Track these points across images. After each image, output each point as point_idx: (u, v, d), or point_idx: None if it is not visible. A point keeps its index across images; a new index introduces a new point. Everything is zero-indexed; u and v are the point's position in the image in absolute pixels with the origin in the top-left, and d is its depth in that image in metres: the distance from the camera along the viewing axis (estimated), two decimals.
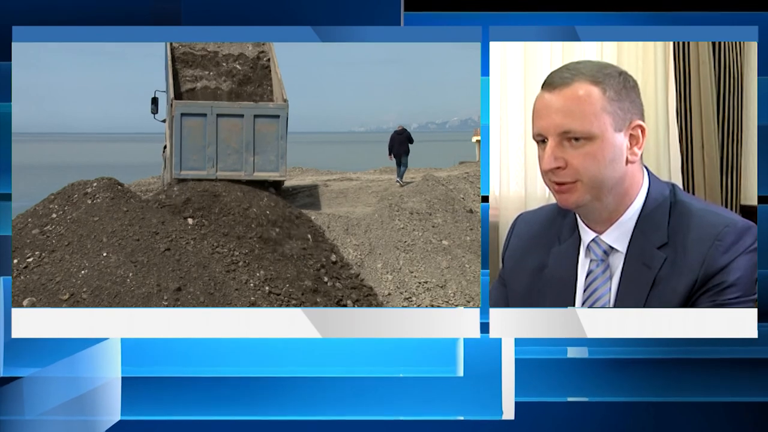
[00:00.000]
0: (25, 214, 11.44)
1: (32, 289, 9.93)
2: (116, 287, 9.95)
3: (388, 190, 13.96)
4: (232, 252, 11.08)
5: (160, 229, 10.96)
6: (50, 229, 11.01)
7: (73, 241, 10.69)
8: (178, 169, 12.17)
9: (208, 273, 10.43)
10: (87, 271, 10.18)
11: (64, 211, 11.28)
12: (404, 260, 11.95)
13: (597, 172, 3.35)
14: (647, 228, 3.45)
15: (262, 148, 12.36)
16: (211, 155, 12.19)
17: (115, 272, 10.13)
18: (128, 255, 10.44)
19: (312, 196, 14.07)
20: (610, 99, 3.36)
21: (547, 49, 7.67)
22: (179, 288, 10.08)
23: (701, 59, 7.83)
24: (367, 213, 13.04)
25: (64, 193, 11.61)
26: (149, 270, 10.27)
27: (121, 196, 11.56)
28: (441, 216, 12.98)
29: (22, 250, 10.64)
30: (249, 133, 12.31)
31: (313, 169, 15.74)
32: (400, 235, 12.45)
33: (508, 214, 7.72)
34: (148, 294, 9.90)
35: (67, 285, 9.96)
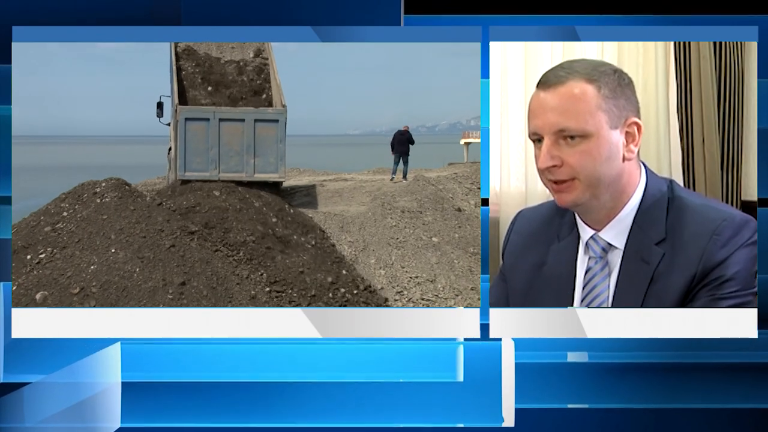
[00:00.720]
0: (37, 213, 11.46)
1: (44, 284, 9.93)
2: (124, 281, 9.97)
3: (380, 190, 14.01)
4: (236, 250, 11.11)
5: (165, 226, 11.01)
6: (61, 226, 11.01)
7: (83, 238, 10.69)
8: (183, 170, 12.19)
9: (210, 268, 10.44)
10: (96, 266, 10.18)
11: (74, 209, 11.30)
12: (396, 256, 11.98)
13: (593, 170, 3.22)
14: (645, 224, 3.31)
15: (262, 150, 12.40)
16: (213, 157, 12.21)
17: (123, 267, 10.15)
18: (135, 251, 10.45)
19: (309, 196, 14.11)
20: (605, 97, 3.22)
21: (547, 44, 7.50)
22: (183, 282, 10.10)
23: (702, 55, 7.58)
24: (361, 211, 13.12)
25: (75, 193, 11.63)
26: (155, 265, 10.29)
27: (128, 196, 11.59)
28: (431, 214, 13.07)
29: (35, 247, 10.63)
30: (249, 136, 12.35)
31: (311, 169, 15.81)
32: (392, 233, 12.50)
33: (508, 210, 7.45)
34: (154, 288, 9.92)
35: (77, 279, 9.97)
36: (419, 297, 11.22)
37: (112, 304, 9.70)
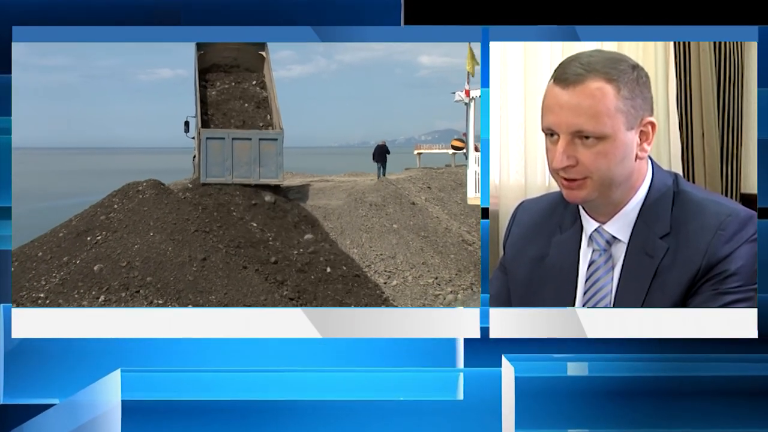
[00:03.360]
0: (95, 205, 11.55)
1: (100, 258, 10.13)
2: (159, 257, 10.15)
3: (354, 188, 14.02)
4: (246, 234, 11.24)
5: (191, 215, 11.15)
6: (113, 216, 11.15)
7: (129, 225, 10.86)
8: (205, 176, 12.26)
9: (225, 248, 10.62)
10: (139, 246, 10.37)
11: (122, 203, 11.43)
12: (365, 238, 12.06)
13: (607, 171, 2.58)
14: (650, 218, 2.69)
15: (265, 161, 12.45)
16: (228, 166, 12.29)
17: (159, 247, 10.34)
18: (168, 234, 10.62)
19: (300, 193, 14.10)
20: (624, 98, 2.56)
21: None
22: (204, 258, 10.23)
23: (702, 48, 6.21)
24: (339, 205, 13.09)
25: (122, 191, 11.73)
26: (183, 245, 10.46)
27: (162, 193, 11.72)
28: (392, 207, 13.04)
29: (93, 231, 10.79)
30: (255, 151, 12.41)
31: (301, 173, 15.87)
32: (363, 221, 12.56)
33: (508, 203, 6.10)
34: (182, 262, 10.09)
35: (125, 255, 10.16)
36: (383, 269, 11.27)
37: (151, 275, 9.83)
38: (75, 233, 10.93)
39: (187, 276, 9.92)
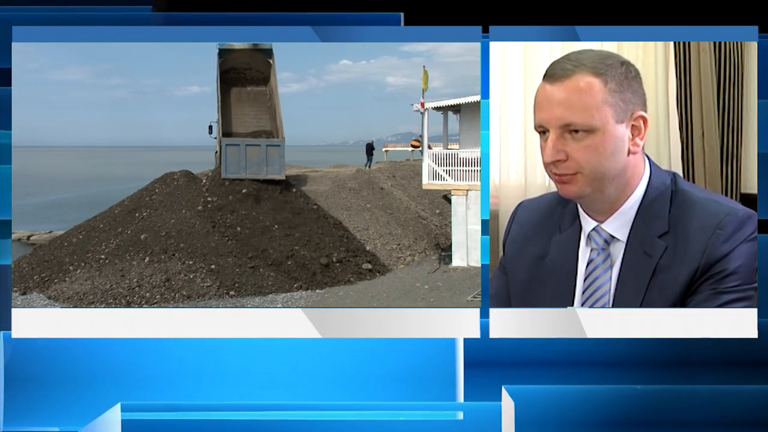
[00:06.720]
0: (141, 189, 11.50)
1: (146, 230, 10.08)
2: (190, 229, 10.09)
3: (337, 177, 13.97)
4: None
5: (213, 199, 11.06)
6: (155, 197, 11.12)
7: (167, 204, 10.82)
8: (225, 173, 12.19)
9: (239, 222, 10.58)
10: (174, 220, 10.31)
11: (162, 188, 11.41)
12: (345, 216, 11.99)
13: (598, 164, 2.05)
14: (648, 217, 2.14)
15: (271, 162, 12.49)
16: (242, 165, 12.30)
17: (189, 221, 10.26)
18: (196, 212, 10.53)
19: (295, 181, 14.13)
20: (611, 91, 2.04)
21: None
22: (224, 230, 10.18)
23: (702, 47, 5.03)
24: (325, 190, 13.05)
25: (162, 179, 11.70)
26: (207, 220, 10.39)
27: (192, 180, 11.70)
28: (366, 191, 13.03)
29: (140, 209, 10.74)
30: (263, 153, 12.47)
31: (296, 165, 15.80)
32: (343, 202, 12.50)
33: (508, 203, 4.84)
34: (207, 232, 10.06)
35: (163, 227, 10.13)
36: (359, 238, 11.29)
37: (183, 242, 9.80)
38: (126, 210, 10.91)
39: (210, 243, 9.87)
